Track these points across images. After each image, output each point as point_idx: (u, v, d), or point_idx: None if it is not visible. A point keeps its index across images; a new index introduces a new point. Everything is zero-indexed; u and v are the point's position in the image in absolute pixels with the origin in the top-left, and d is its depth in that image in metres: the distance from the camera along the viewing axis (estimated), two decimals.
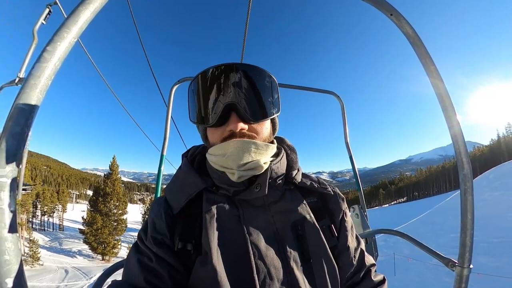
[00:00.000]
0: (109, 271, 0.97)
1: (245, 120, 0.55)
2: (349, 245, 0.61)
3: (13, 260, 0.39)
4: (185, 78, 1.35)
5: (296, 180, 0.62)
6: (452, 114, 0.71)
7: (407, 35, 0.75)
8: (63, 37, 0.44)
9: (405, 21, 0.73)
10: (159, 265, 0.50)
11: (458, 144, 0.70)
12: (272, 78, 0.60)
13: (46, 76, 0.43)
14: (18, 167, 0.42)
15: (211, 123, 0.56)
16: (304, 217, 0.57)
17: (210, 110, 0.56)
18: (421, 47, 0.74)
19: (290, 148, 0.68)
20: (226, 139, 0.56)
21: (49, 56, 0.43)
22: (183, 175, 0.62)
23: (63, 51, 0.45)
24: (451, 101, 0.70)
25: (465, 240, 0.67)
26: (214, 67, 0.57)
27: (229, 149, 0.53)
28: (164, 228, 0.54)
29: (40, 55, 0.42)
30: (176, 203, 0.57)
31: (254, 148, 0.53)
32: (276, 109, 0.60)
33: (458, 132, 0.70)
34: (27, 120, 0.41)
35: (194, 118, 0.61)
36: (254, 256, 0.49)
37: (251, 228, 0.53)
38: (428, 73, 0.75)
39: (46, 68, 0.43)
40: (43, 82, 0.43)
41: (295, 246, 0.53)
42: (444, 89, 0.71)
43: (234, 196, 0.57)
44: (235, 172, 0.54)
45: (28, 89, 0.41)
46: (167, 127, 1.34)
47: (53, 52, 0.43)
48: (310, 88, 1.80)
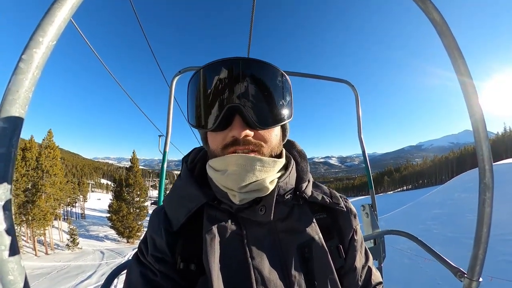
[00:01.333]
0: (116, 272, 1.00)
1: (251, 126, 0.48)
2: (356, 265, 0.58)
3: (18, 279, 0.38)
4: (187, 68, 1.25)
5: (306, 194, 0.57)
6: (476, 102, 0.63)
7: (434, 22, 0.65)
8: (38, 41, 0.39)
9: (432, 5, 0.63)
10: (163, 280, 0.48)
11: (481, 149, 0.63)
12: (285, 77, 0.52)
13: (26, 88, 0.38)
14: (10, 187, 0.40)
15: (210, 128, 0.49)
16: (312, 238, 0.53)
17: (210, 111, 0.49)
18: (449, 37, 0.64)
19: (300, 154, 0.62)
20: (228, 146, 0.50)
21: (26, 66, 0.38)
22: (182, 187, 0.56)
23: (40, 57, 0.40)
24: (475, 90, 0.62)
25: (477, 253, 0.63)
26: (218, 62, 0.48)
27: (230, 166, 0.48)
28: (164, 246, 0.51)
29: (16, 67, 0.38)
30: (175, 219, 0.54)
31: (259, 166, 0.47)
32: (288, 114, 0.53)
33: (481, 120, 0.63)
34: (11, 139, 0.38)
35: (192, 120, 0.53)
36: (257, 282, 0.47)
37: (254, 250, 0.50)
38: (455, 65, 0.66)
39: (24, 80, 0.38)
40: (23, 95, 0.38)
41: (300, 269, 0.50)
42: (470, 79, 0.63)
43: (237, 213, 0.53)
44: (236, 195, 0.49)
45: (7, 105, 0.37)
46: (169, 121, 1.27)
47: (29, 60, 0.38)
48: (323, 76, 1.67)
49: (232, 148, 0.49)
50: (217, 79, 0.49)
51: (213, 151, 0.53)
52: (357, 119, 1.71)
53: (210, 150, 0.55)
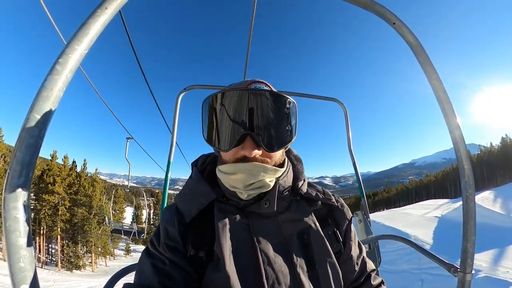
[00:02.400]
0: (119, 275, 0.99)
1: (260, 147, 0.56)
2: (352, 254, 0.64)
3: (28, 267, 0.40)
4: (192, 86, 1.35)
5: (302, 191, 0.64)
6: (454, 120, 0.72)
7: (410, 43, 0.76)
8: (74, 49, 0.45)
9: (407, 30, 0.74)
10: (172, 268, 0.52)
11: (459, 150, 0.71)
12: (292, 103, 0.59)
13: (58, 88, 0.44)
14: (31, 176, 0.43)
15: (224, 150, 0.57)
16: (309, 226, 0.59)
17: (225, 134, 0.56)
18: (423, 55, 0.75)
19: (296, 158, 0.70)
20: (239, 160, 0.57)
21: (61, 68, 0.44)
22: (194, 185, 0.63)
23: (74, 62, 0.46)
24: (452, 107, 0.71)
25: (466, 247, 0.68)
26: (235, 89, 0.56)
27: (239, 171, 0.55)
28: (176, 235, 0.56)
29: (52, 67, 0.43)
30: (188, 212, 0.59)
31: (263, 172, 0.55)
32: (292, 136, 0.60)
33: (460, 137, 0.71)
34: (40, 131, 0.42)
35: (208, 139, 0.60)
36: (264, 263, 0.52)
37: (260, 237, 0.55)
38: (430, 80, 0.76)
39: (58, 80, 0.43)
40: (55, 94, 0.43)
41: (301, 253, 0.55)
42: (445, 96, 0.72)
43: (244, 207, 0.60)
44: (243, 192, 0.56)
45: (41, 101, 0.42)
46: (173, 134, 1.34)
47: (64, 64, 0.44)
48: (314, 95, 1.81)
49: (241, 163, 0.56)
50: (233, 105, 0.56)
51: (225, 161, 0.61)
52: (347, 133, 1.84)
53: (222, 160, 0.62)
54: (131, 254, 38.47)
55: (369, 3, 0.74)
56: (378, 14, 0.75)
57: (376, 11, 0.74)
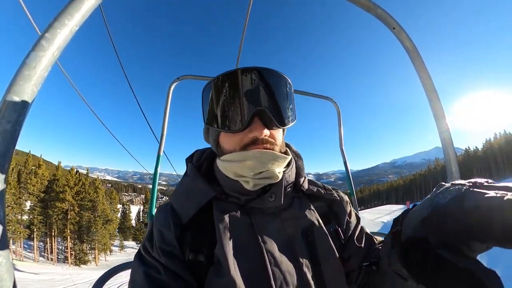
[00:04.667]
0: (105, 277, 0.94)
1: (268, 126, 0.54)
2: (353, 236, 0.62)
3: (5, 276, 0.34)
4: (184, 76, 1.29)
5: (303, 188, 0.63)
6: (444, 124, 0.75)
7: (407, 49, 0.79)
8: (64, 23, 0.39)
9: (406, 35, 0.77)
10: (168, 277, 0.47)
11: (448, 153, 0.75)
12: (291, 84, 0.60)
13: (43, 67, 0.38)
14: (7, 169, 0.36)
15: (239, 129, 0.53)
16: (312, 222, 0.58)
17: (234, 115, 0.54)
18: (419, 61, 0.78)
19: (296, 155, 0.69)
20: (247, 145, 0.54)
21: (47, 44, 0.38)
22: (191, 182, 0.60)
23: (63, 39, 0.40)
24: (444, 112, 0.75)
25: None
26: (237, 70, 0.55)
27: (248, 157, 0.52)
28: (172, 239, 0.52)
29: (37, 43, 0.37)
30: (185, 212, 0.55)
31: (272, 160, 0.53)
32: (294, 116, 0.60)
33: (449, 140, 0.75)
34: (19, 116, 0.36)
35: (214, 123, 0.57)
36: (270, 264, 0.49)
37: (265, 236, 0.53)
38: (424, 86, 0.80)
39: (43, 57, 0.38)
40: (39, 73, 0.38)
41: (305, 251, 0.54)
42: (438, 101, 0.76)
43: (245, 204, 0.57)
44: (250, 181, 0.53)
45: (21, 80, 0.36)
46: (164, 126, 1.27)
47: (52, 40, 0.38)
48: (308, 93, 1.82)
49: (251, 147, 0.54)
50: (238, 86, 0.54)
51: (229, 151, 0.57)
52: (339, 131, 1.88)
53: (224, 151, 0.58)
54: (124, 249, 42.90)
55: (371, 6, 0.75)
56: (379, 18, 0.77)
57: (378, 14, 0.76)
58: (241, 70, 0.54)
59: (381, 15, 0.76)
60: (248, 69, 0.55)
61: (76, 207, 31.97)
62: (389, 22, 0.76)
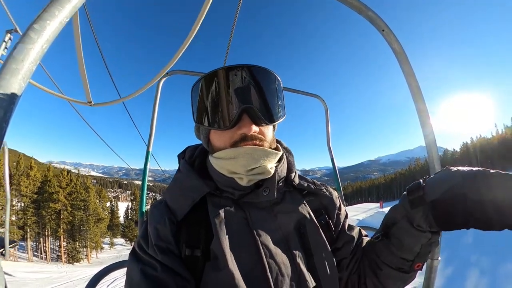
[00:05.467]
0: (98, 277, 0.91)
1: (257, 123, 0.55)
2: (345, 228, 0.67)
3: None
4: (174, 71, 1.25)
5: (295, 182, 0.65)
6: (429, 125, 0.80)
7: (395, 51, 0.82)
8: (54, 15, 0.37)
9: (394, 38, 0.80)
10: (164, 274, 0.48)
11: (431, 151, 0.80)
12: (279, 81, 0.61)
13: (31, 60, 0.35)
14: None
15: (227, 127, 0.54)
16: (304, 216, 0.60)
17: (222, 113, 0.54)
18: (406, 63, 0.82)
19: (287, 150, 0.71)
20: (237, 142, 0.55)
21: (36, 36, 0.35)
22: (184, 179, 0.60)
23: (52, 31, 0.37)
24: (429, 114, 0.79)
25: None
26: (225, 68, 0.55)
27: (239, 154, 0.53)
28: (168, 235, 0.52)
29: (25, 34, 0.35)
30: (179, 209, 0.56)
31: (264, 156, 0.54)
32: (283, 112, 0.61)
33: (433, 141, 0.80)
34: (5, 113, 0.34)
35: (203, 121, 0.58)
36: (266, 256, 0.51)
37: (259, 230, 0.54)
38: (410, 88, 0.84)
39: (32, 50, 0.35)
40: (27, 67, 0.35)
41: (299, 243, 0.56)
42: (423, 104, 0.80)
43: (240, 199, 0.58)
44: (244, 177, 0.54)
45: (7, 74, 0.34)
46: (153, 122, 1.23)
47: (41, 31, 0.36)
48: (296, 90, 1.84)
49: (241, 144, 0.55)
50: (228, 83, 0.55)
51: (219, 148, 0.58)
52: (326, 129, 1.93)
53: (215, 148, 0.59)
54: (114, 246, 43.82)
55: (363, 8, 0.77)
56: (370, 20, 0.79)
57: (368, 16, 0.79)
58: (229, 68, 0.55)
59: (372, 17, 0.79)
60: (236, 66, 0.55)
61: (68, 207, 32.91)
62: (378, 24, 0.79)
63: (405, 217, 0.52)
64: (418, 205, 0.48)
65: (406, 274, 0.56)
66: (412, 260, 0.54)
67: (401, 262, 0.54)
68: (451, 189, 0.44)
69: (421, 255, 0.54)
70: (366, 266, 0.61)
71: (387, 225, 0.57)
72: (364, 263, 0.62)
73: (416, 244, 0.52)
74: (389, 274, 0.57)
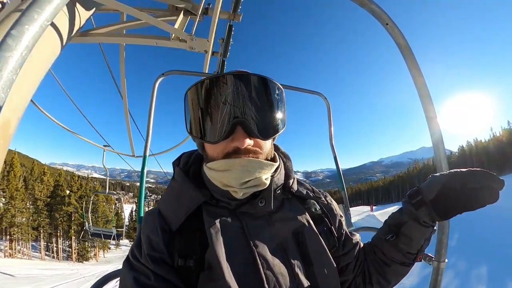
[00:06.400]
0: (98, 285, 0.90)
1: (251, 136, 0.52)
2: (349, 235, 0.68)
3: None
4: (170, 71, 1.22)
5: (293, 189, 0.63)
6: (435, 123, 0.77)
7: (399, 45, 0.79)
8: (33, 18, 0.35)
9: (398, 31, 0.77)
10: (158, 283, 0.47)
11: (438, 150, 0.77)
12: (281, 90, 0.57)
13: (10, 69, 0.33)
14: None
15: (216, 141, 0.51)
16: (303, 224, 0.58)
17: (214, 124, 0.52)
18: (411, 58, 0.78)
19: (285, 156, 0.68)
20: (230, 154, 0.52)
21: (14, 43, 0.33)
22: (179, 187, 0.58)
23: (32, 36, 0.35)
24: (435, 111, 0.76)
25: (441, 238, 0.75)
26: (220, 76, 0.52)
27: (234, 167, 0.51)
28: (161, 245, 0.51)
29: (2, 42, 0.33)
30: (174, 218, 0.54)
31: (259, 168, 0.52)
32: (283, 124, 0.58)
33: (439, 139, 0.77)
34: None
35: (194, 132, 0.55)
36: (263, 267, 0.50)
37: (256, 240, 0.53)
38: (415, 83, 0.80)
39: (10, 58, 0.33)
40: (6, 76, 0.33)
41: (297, 252, 0.54)
42: (430, 101, 0.77)
43: (236, 209, 0.56)
44: (238, 191, 0.52)
45: None
46: (149, 125, 1.20)
47: (19, 37, 0.34)
48: (298, 88, 1.80)
49: (234, 156, 0.52)
50: (220, 93, 0.51)
51: (212, 157, 0.55)
52: (329, 126, 1.89)
53: (209, 157, 0.56)
54: (120, 247, 45.88)
55: (365, 1, 0.73)
56: (373, 13, 0.75)
57: (372, 10, 0.75)
58: (222, 76, 0.52)
59: (375, 11, 0.75)
60: (230, 74, 0.52)
61: (79, 210, 34.83)
62: (382, 18, 0.75)
63: (412, 217, 0.59)
64: (421, 205, 0.57)
65: (407, 267, 0.64)
66: (416, 254, 0.62)
67: (407, 256, 0.62)
68: (442, 188, 0.55)
69: (423, 248, 0.63)
70: (371, 265, 0.67)
71: (397, 226, 0.63)
72: (367, 263, 0.67)
73: (422, 238, 0.60)
74: (396, 269, 0.64)
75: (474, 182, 0.52)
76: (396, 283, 0.67)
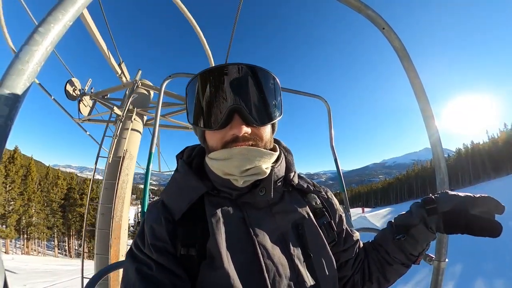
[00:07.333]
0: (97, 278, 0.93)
1: (249, 124, 0.54)
2: (350, 232, 0.69)
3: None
4: (177, 73, 1.29)
5: (294, 182, 0.64)
6: (433, 124, 0.78)
7: (396, 49, 0.82)
8: (58, 18, 0.39)
9: (395, 35, 0.80)
10: (160, 273, 0.47)
11: (436, 150, 0.78)
12: (276, 80, 0.60)
13: (36, 61, 0.37)
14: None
15: (213, 128, 0.54)
16: (303, 216, 0.60)
17: (212, 112, 0.54)
18: (407, 61, 0.81)
19: (286, 150, 0.70)
20: (228, 143, 0.54)
21: (41, 39, 0.37)
22: (182, 178, 0.60)
23: (56, 34, 0.40)
24: (432, 112, 0.78)
25: (441, 237, 0.75)
26: (218, 67, 0.55)
27: (233, 155, 0.52)
28: (164, 234, 0.52)
29: (30, 37, 0.37)
30: (177, 208, 0.55)
31: (258, 157, 0.53)
32: (279, 112, 0.60)
33: (437, 140, 0.78)
34: (10, 111, 0.36)
35: (193, 121, 0.58)
36: (263, 256, 0.51)
37: (257, 230, 0.54)
38: (413, 86, 0.83)
39: (37, 52, 0.37)
40: (32, 68, 0.37)
41: (297, 244, 0.56)
42: (427, 102, 0.79)
43: (237, 199, 0.57)
44: (238, 179, 0.53)
45: (14, 74, 0.36)
46: (156, 122, 1.25)
47: (45, 34, 0.38)
48: (299, 91, 1.84)
49: (232, 145, 0.54)
50: (218, 83, 0.54)
51: (213, 148, 0.57)
52: (329, 129, 1.92)
53: (209, 148, 0.59)
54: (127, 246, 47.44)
55: (362, 7, 0.77)
56: (370, 19, 0.79)
57: (368, 15, 0.78)
58: (220, 67, 0.54)
59: (371, 16, 0.78)
60: (227, 65, 0.55)
61: (91, 211, 37.27)
62: (378, 23, 0.78)
63: (422, 222, 0.62)
64: (434, 213, 0.60)
65: (406, 268, 0.66)
66: (417, 256, 0.64)
67: (409, 257, 0.64)
68: (456, 206, 0.57)
69: (424, 251, 0.65)
70: (372, 264, 0.68)
71: (406, 227, 0.65)
72: (368, 262, 0.69)
73: (426, 242, 0.63)
74: (396, 269, 0.66)
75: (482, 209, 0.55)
76: (393, 282, 0.68)
